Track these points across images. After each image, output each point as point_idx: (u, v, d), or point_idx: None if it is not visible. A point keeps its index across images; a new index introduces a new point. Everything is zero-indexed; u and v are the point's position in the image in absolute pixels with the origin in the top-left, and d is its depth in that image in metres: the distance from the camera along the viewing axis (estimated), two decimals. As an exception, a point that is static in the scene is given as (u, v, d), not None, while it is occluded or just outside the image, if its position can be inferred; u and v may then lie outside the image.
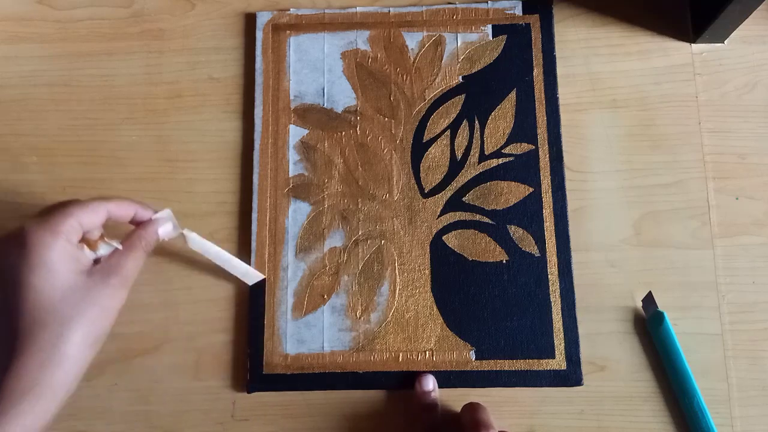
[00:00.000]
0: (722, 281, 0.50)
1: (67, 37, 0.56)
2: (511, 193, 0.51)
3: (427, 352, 0.49)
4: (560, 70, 0.53)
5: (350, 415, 0.49)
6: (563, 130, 0.52)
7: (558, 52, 0.53)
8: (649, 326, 0.49)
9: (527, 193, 0.51)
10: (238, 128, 0.54)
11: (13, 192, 0.53)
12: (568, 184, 0.51)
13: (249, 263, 0.50)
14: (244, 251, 0.51)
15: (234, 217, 0.52)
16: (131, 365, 0.50)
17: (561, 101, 0.52)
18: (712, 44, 0.54)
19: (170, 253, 0.51)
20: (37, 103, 0.54)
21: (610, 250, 0.51)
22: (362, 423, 0.49)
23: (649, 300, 0.49)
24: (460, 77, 0.53)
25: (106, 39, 0.55)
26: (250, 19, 0.55)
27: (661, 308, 0.49)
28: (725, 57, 0.54)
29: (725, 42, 0.54)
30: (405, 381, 0.49)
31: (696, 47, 0.54)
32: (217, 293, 0.51)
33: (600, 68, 0.54)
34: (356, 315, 0.50)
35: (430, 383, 0.48)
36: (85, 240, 0.41)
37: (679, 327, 0.49)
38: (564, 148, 0.52)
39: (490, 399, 0.49)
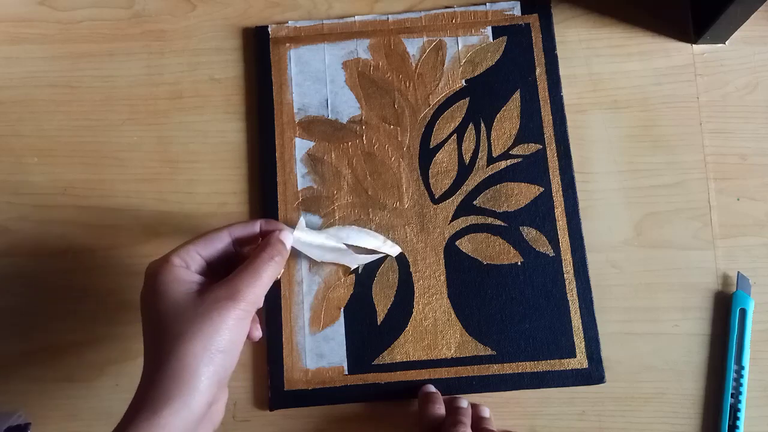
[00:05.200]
0: (723, 282, 0.50)
1: (69, 38, 0.56)
2: (522, 194, 0.51)
3: (448, 359, 0.49)
4: (561, 71, 0.53)
5: (353, 417, 0.49)
6: (565, 131, 0.52)
7: (559, 53, 0.53)
8: (734, 302, 0.49)
9: (538, 193, 0.51)
10: (239, 129, 0.54)
11: (14, 193, 0.53)
12: (569, 185, 0.51)
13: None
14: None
15: (235, 217, 0.52)
16: (132, 366, 0.50)
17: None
18: (713, 45, 0.54)
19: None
20: (39, 103, 0.54)
21: (612, 250, 0.51)
22: (364, 426, 0.49)
23: (744, 282, 0.49)
24: (463, 81, 0.53)
25: (107, 40, 0.56)
26: (249, 33, 0.55)
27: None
28: (726, 58, 0.54)
29: (726, 43, 0.54)
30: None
31: (697, 48, 0.54)
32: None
33: (601, 69, 0.54)
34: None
35: (431, 387, 0.48)
36: None
37: (680, 328, 0.49)
38: (567, 148, 0.52)
39: (492, 400, 0.49)
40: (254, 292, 0.39)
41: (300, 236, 0.46)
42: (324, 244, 0.48)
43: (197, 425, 0.37)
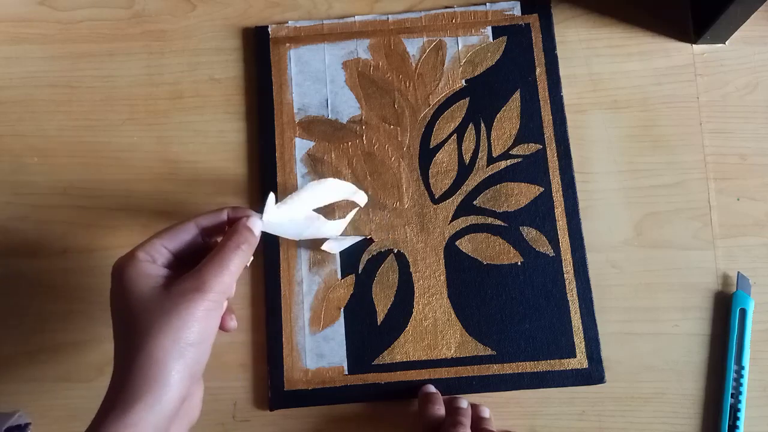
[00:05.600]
0: (723, 282, 0.50)
1: (69, 38, 0.56)
2: (522, 194, 0.51)
3: (448, 359, 0.49)
4: (561, 71, 0.53)
5: (352, 417, 0.49)
6: (565, 131, 0.52)
7: (559, 53, 0.53)
8: (734, 302, 0.49)
9: (538, 193, 0.51)
10: (239, 129, 0.54)
11: (14, 193, 0.53)
12: (569, 185, 0.51)
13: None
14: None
15: (235, 218, 0.52)
16: (132, 366, 0.50)
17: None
18: (713, 45, 0.54)
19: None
20: (39, 103, 0.54)
21: (612, 250, 0.51)
22: (364, 426, 0.49)
23: (744, 282, 0.49)
24: (463, 81, 0.53)
25: (107, 40, 0.55)
26: (249, 33, 0.55)
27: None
28: (726, 58, 0.54)
29: (726, 43, 0.54)
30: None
31: (697, 48, 0.54)
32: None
33: (601, 69, 0.54)
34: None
35: (431, 387, 0.48)
36: None
37: (680, 328, 0.49)
38: (566, 148, 0.52)
39: (492, 400, 0.49)
40: (222, 282, 0.38)
41: (270, 219, 0.44)
42: (296, 219, 0.47)
43: (170, 421, 0.36)
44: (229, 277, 0.39)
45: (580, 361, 0.48)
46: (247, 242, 0.41)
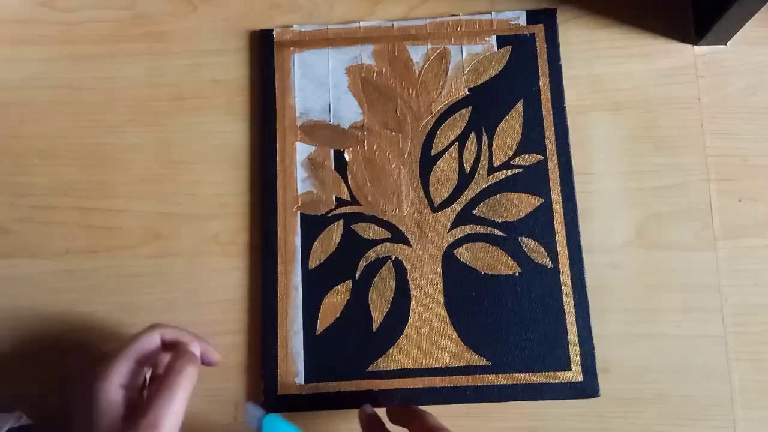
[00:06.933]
0: (725, 283, 0.50)
1: (70, 40, 0.56)
2: (522, 204, 0.51)
3: (443, 368, 0.49)
4: (563, 72, 0.53)
5: (345, 423, 0.49)
6: (565, 133, 0.52)
7: (560, 54, 0.53)
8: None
9: (538, 204, 0.51)
10: (240, 130, 0.54)
11: (15, 194, 0.53)
12: (569, 187, 0.51)
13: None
14: (244, 253, 0.51)
15: (236, 219, 0.52)
16: (133, 367, 0.50)
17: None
18: (715, 46, 0.54)
19: (171, 254, 0.52)
20: (40, 105, 0.54)
21: (613, 252, 0.51)
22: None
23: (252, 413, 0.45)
24: (467, 89, 0.53)
25: (108, 41, 0.55)
26: (253, 36, 0.55)
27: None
28: (728, 59, 0.54)
29: (728, 44, 0.54)
30: (420, 397, 0.48)
31: (698, 49, 0.54)
32: (218, 296, 0.51)
33: (602, 70, 0.54)
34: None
35: (368, 408, 0.47)
36: None
37: (681, 329, 0.49)
38: (566, 151, 0.52)
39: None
40: (173, 415, 0.38)
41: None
42: None
43: None
44: (179, 409, 0.39)
45: (575, 374, 0.48)
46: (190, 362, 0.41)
